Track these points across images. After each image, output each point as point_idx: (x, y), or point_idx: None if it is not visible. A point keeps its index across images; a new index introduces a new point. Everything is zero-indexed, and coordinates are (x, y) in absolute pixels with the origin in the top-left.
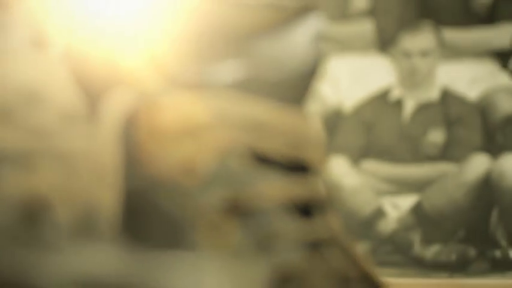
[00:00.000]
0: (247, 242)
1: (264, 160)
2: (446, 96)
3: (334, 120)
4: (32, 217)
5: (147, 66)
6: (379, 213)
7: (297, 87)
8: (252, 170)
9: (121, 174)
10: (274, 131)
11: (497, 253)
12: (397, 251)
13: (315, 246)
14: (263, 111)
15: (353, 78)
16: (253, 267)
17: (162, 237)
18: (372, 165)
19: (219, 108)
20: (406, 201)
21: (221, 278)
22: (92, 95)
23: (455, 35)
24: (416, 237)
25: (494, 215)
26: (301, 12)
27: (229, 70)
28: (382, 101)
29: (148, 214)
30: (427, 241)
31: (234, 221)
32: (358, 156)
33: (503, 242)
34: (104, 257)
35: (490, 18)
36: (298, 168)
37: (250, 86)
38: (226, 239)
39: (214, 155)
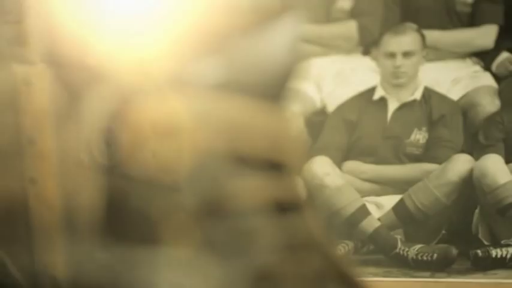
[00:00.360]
0: (224, 241)
1: (243, 161)
2: (429, 96)
3: (318, 120)
4: (11, 217)
5: (132, 66)
6: (362, 213)
7: (276, 87)
8: (231, 170)
9: (102, 173)
10: (253, 132)
11: (479, 252)
12: (380, 250)
13: (292, 246)
14: (243, 113)
15: (337, 79)
16: (229, 266)
17: (138, 235)
18: (355, 165)
19: (201, 110)
20: (389, 201)
21: (197, 275)
22: (74, 93)
23: (438, 37)
24: (399, 237)
25: (476, 215)
26: (281, 13)
27: (211, 70)
28: (366, 102)
29: (127, 213)
30: (410, 240)
31: (210, 221)
32: (341, 156)
33: (485, 241)
34: (84, 256)
35: (472, 20)
36: (276, 169)
37: (231, 86)
38: (199, 238)
39: (194, 156)
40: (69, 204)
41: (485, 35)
